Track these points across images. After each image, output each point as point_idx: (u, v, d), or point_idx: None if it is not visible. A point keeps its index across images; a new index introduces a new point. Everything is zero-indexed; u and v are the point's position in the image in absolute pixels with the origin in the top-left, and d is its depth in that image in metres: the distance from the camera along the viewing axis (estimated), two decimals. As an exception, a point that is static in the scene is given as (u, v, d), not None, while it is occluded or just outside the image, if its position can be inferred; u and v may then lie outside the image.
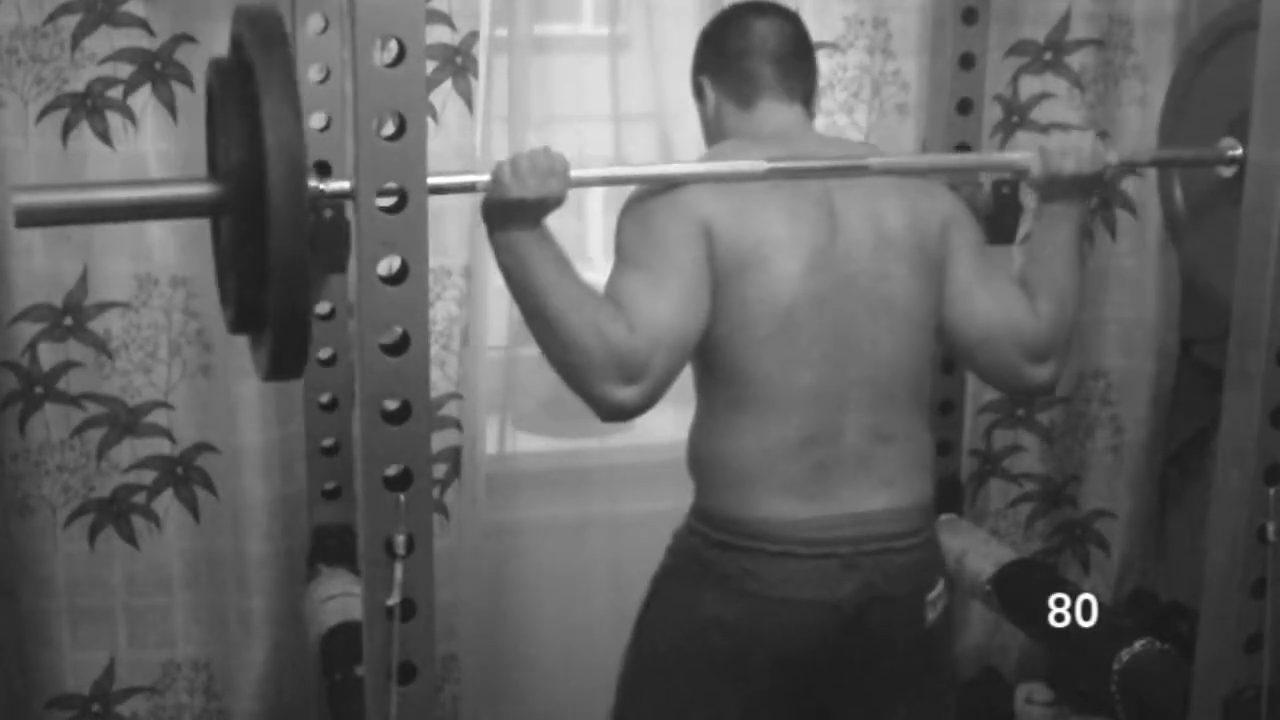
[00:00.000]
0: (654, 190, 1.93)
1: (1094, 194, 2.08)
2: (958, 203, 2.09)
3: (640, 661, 2.02)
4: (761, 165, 1.90)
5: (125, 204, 1.79)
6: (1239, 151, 2.08)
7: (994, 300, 2.00)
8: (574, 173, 1.81)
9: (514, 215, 1.80)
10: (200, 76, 2.38)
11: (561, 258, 1.83)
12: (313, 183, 1.65)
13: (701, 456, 1.98)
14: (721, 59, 2.04)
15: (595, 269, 2.73)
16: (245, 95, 1.61)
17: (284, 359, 1.69)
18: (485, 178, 1.79)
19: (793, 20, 2.07)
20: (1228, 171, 2.12)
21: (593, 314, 1.81)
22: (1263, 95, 1.88)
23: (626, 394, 1.83)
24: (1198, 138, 2.22)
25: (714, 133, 2.08)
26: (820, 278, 1.91)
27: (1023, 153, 2.06)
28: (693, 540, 1.97)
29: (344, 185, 1.68)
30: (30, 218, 1.66)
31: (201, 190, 1.70)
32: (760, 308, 1.89)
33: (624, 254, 1.91)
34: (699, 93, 2.09)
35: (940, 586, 1.99)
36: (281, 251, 1.59)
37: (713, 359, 1.93)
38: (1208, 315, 2.29)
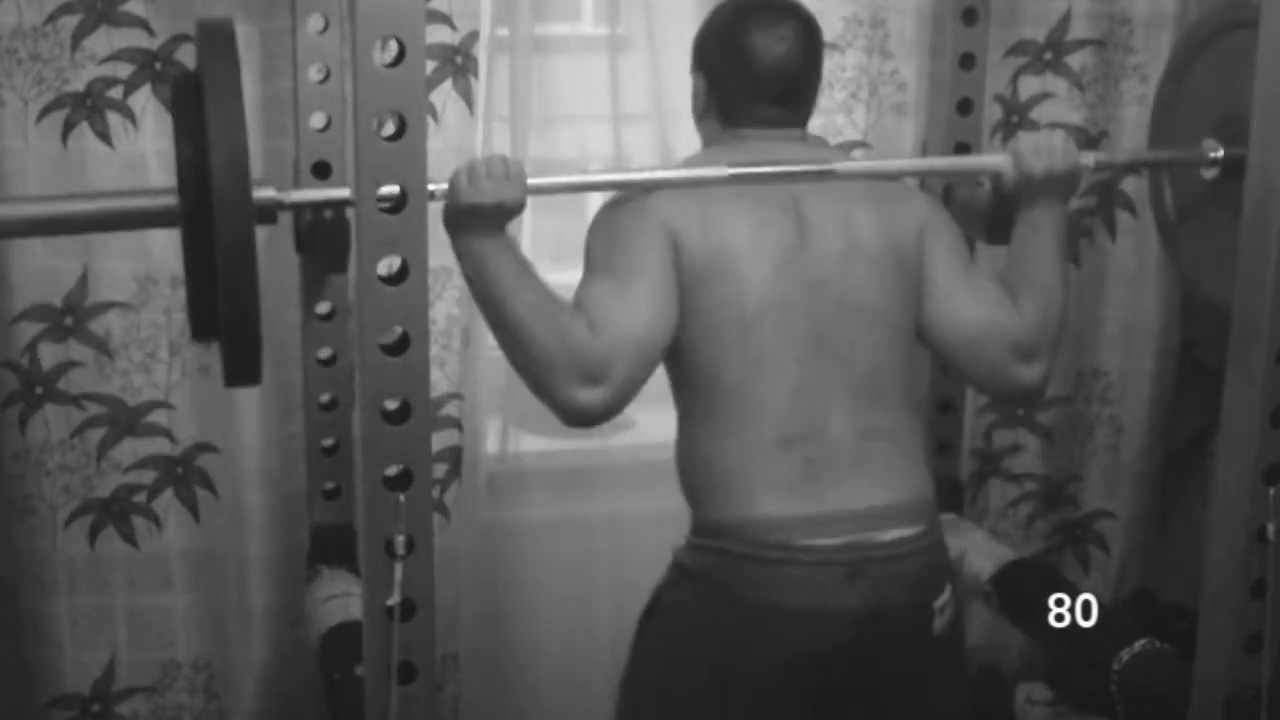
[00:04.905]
0: (622, 200, 1.94)
1: (1072, 196, 2.05)
2: (934, 206, 2.09)
3: (638, 676, 2.00)
4: (724, 171, 1.91)
5: (87, 216, 1.84)
6: (1220, 153, 2.09)
7: (976, 301, 1.99)
8: (532, 180, 1.83)
9: (473, 222, 1.81)
10: (200, 76, 2.39)
11: (523, 264, 1.84)
12: (270, 193, 1.70)
13: (687, 468, 1.96)
14: (720, 73, 2.01)
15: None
16: (197, 107, 1.65)
17: (238, 365, 1.72)
18: (443, 185, 1.80)
19: (807, 32, 2.02)
20: (1210, 173, 2.12)
21: (553, 317, 1.82)
22: (1262, 96, 1.88)
23: (589, 396, 1.83)
24: (1185, 140, 2.22)
25: (698, 118, 2.07)
26: (788, 284, 1.91)
27: (996, 156, 2.04)
28: (690, 554, 1.95)
29: (305, 195, 1.72)
30: None
31: (160, 202, 1.73)
32: (726, 314, 1.89)
33: (591, 261, 1.92)
34: (694, 74, 2.06)
35: (948, 593, 1.95)
36: (228, 260, 1.62)
37: (684, 367, 1.93)
38: (1208, 315, 2.29)
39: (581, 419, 1.85)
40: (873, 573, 1.88)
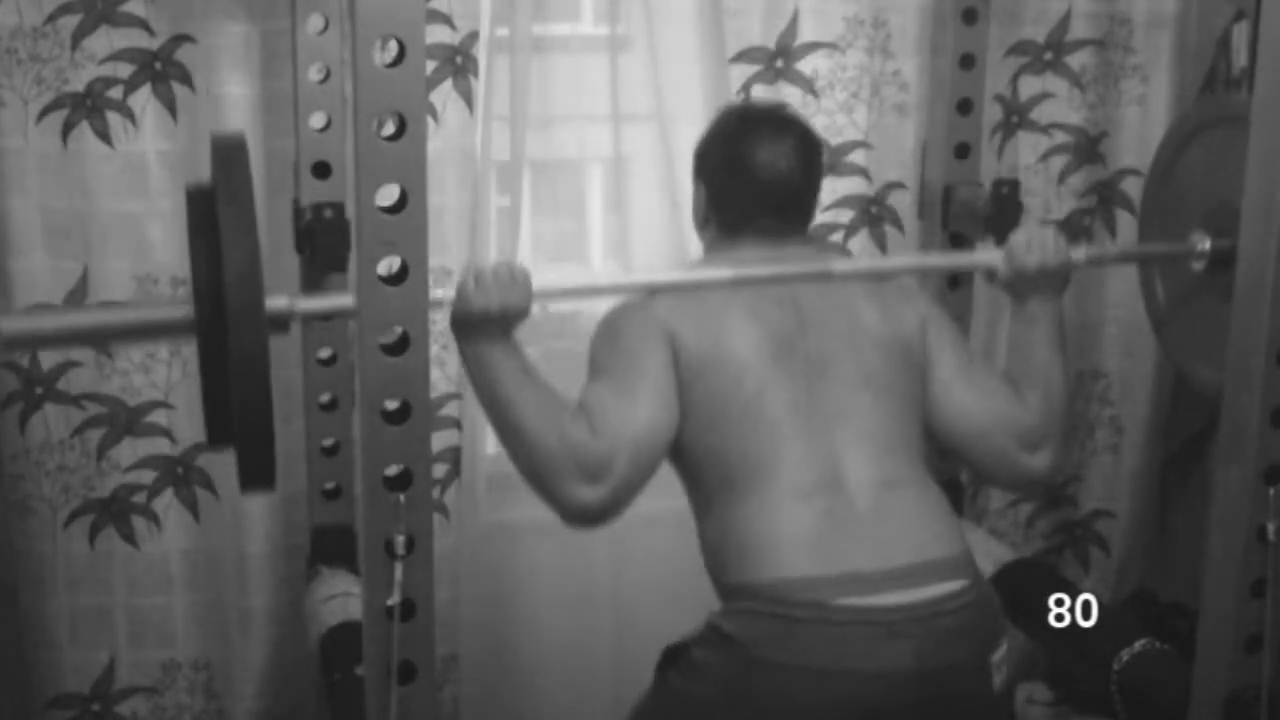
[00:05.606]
0: (625, 306, 1.98)
1: (1064, 290, 2.07)
2: (934, 303, 2.14)
3: None
4: (726, 273, 1.96)
5: (107, 327, 1.86)
6: (1207, 245, 2.13)
7: (980, 394, 2.02)
8: (537, 284, 1.84)
9: (481, 328, 1.83)
10: (200, 76, 2.38)
11: (528, 368, 1.86)
12: (283, 302, 1.72)
13: (711, 547, 1.93)
14: (722, 185, 2.06)
15: (595, 270, 2.74)
16: (211, 222, 1.67)
17: (251, 473, 1.74)
18: (450, 291, 1.82)
19: (807, 145, 2.06)
20: (1199, 265, 2.14)
21: (555, 418, 1.84)
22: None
23: (590, 494, 1.84)
24: (1173, 231, 2.26)
25: (698, 225, 2.12)
26: (790, 363, 1.93)
27: (989, 252, 2.10)
28: (722, 619, 1.88)
29: (314, 305, 1.83)
30: (17, 342, 1.71)
31: (177, 313, 1.75)
32: (726, 396, 1.91)
33: (594, 366, 1.95)
34: (695, 183, 2.10)
35: (1004, 648, 1.90)
36: (241, 372, 1.65)
37: (691, 455, 1.93)
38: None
39: (582, 517, 1.86)
40: (914, 632, 1.81)
